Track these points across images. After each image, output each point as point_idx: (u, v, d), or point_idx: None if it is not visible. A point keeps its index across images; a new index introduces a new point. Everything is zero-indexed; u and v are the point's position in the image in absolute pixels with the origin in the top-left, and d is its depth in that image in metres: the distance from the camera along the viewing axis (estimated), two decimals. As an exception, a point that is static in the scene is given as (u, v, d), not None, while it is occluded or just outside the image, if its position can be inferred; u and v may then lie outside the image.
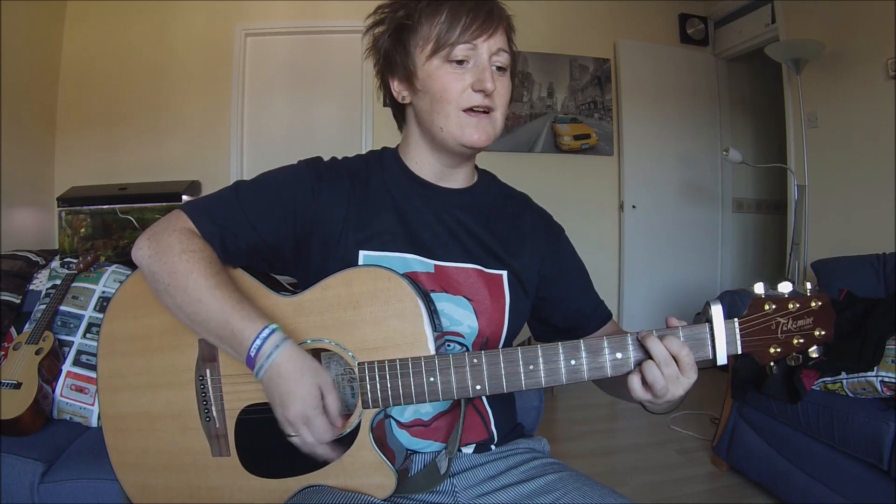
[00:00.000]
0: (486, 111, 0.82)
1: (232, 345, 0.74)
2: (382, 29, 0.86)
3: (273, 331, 0.72)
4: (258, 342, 0.71)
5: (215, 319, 0.73)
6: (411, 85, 0.85)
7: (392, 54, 0.85)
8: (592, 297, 0.99)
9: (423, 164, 0.90)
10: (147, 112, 3.42)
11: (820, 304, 0.70)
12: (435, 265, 0.85)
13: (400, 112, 0.93)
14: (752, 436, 2.06)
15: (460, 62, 0.81)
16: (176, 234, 0.78)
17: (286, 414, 0.72)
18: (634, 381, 0.71)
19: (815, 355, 0.70)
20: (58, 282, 1.68)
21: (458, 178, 0.92)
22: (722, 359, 0.70)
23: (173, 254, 0.76)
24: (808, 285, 0.71)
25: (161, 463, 0.84)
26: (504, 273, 0.89)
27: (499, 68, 0.84)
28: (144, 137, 3.41)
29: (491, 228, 0.91)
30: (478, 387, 0.73)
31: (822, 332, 0.70)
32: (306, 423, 0.72)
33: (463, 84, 0.81)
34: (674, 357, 0.70)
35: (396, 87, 0.87)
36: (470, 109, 0.82)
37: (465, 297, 0.85)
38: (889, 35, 2.63)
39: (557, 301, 0.95)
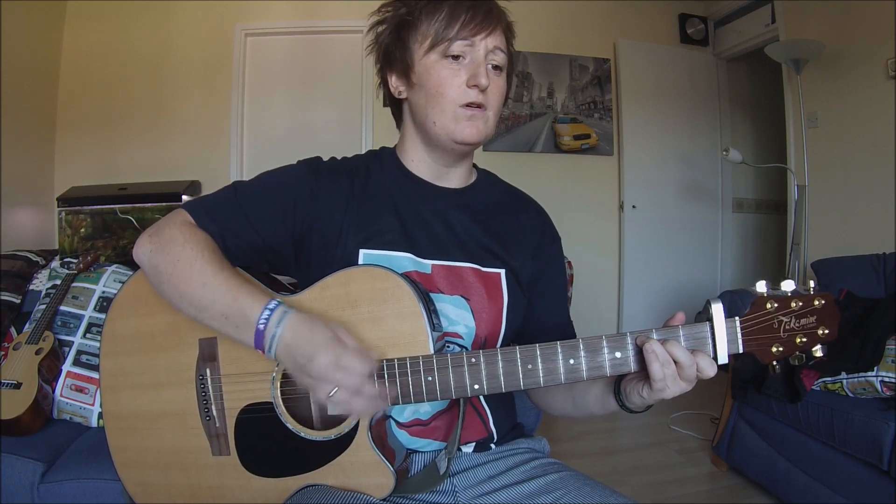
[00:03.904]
0: (480, 107, 0.83)
1: (239, 323, 0.72)
2: (384, 27, 0.87)
3: (279, 303, 0.72)
4: (266, 313, 0.71)
5: (222, 300, 0.73)
6: (408, 79, 0.85)
7: (391, 50, 0.86)
8: (563, 312, 0.97)
9: (420, 163, 0.91)
10: (147, 112, 3.42)
11: (823, 302, 0.68)
12: (432, 265, 0.86)
13: (397, 108, 0.93)
14: (752, 436, 2.06)
15: (456, 58, 0.81)
16: (178, 227, 0.78)
17: (314, 370, 0.68)
18: (655, 366, 0.69)
19: (818, 354, 0.69)
20: (58, 282, 1.68)
21: (455, 178, 0.92)
22: (723, 358, 0.69)
23: (176, 244, 0.76)
24: (812, 283, 0.70)
25: (162, 461, 0.84)
26: (502, 272, 0.89)
27: (495, 67, 0.84)
28: (144, 137, 3.41)
29: (489, 227, 0.91)
30: (476, 386, 0.73)
31: (826, 331, 0.68)
32: (338, 367, 0.67)
33: (458, 80, 0.81)
34: (675, 361, 0.69)
35: (394, 83, 0.88)
36: (464, 105, 0.82)
37: (461, 296, 0.85)
38: (889, 35, 2.63)
39: (528, 302, 0.94)
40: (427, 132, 0.86)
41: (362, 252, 0.84)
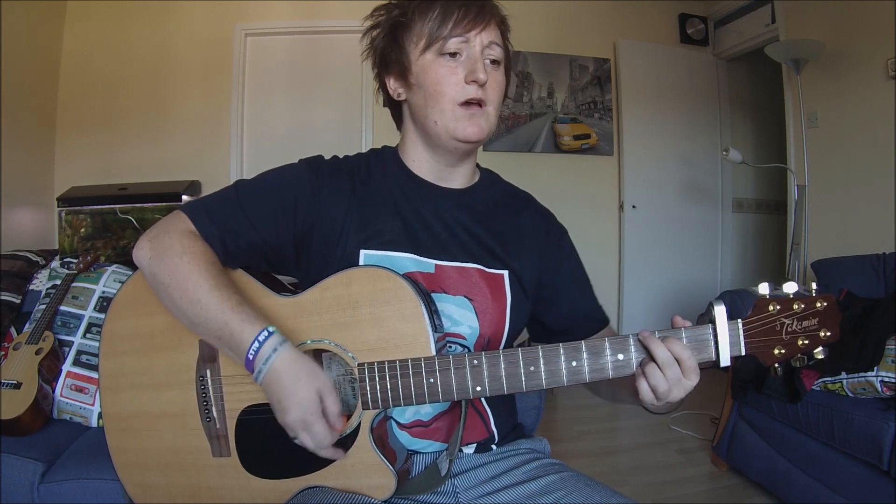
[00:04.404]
0: (480, 104, 0.82)
1: (231, 347, 0.74)
2: (378, 30, 0.87)
3: (271, 334, 0.72)
4: (256, 345, 0.71)
5: (214, 321, 0.73)
6: (406, 81, 0.85)
7: (387, 52, 0.86)
8: (589, 301, 0.98)
9: (422, 163, 0.90)
10: (147, 112, 3.42)
11: (825, 304, 0.68)
12: (435, 265, 0.85)
13: (397, 110, 0.93)
14: (752, 436, 2.06)
15: (453, 55, 0.81)
16: (177, 236, 0.78)
17: (285, 419, 0.72)
18: (643, 385, 0.71)
19: (820, 357, 0.69)
20: (58, 282, 1.68)
21: (457, 178, 0.92)
22: (725, 360, 0.69)
23: (174, 255, 0.76)
24: (814, 285, 0.70)
25: (162, 462, 0.84)
26: (505, 273, 0.89)
27: (492, 61, 0.84)
28: (144, 137, 3.41)
29: (491, 228, 0.91)
30: (478, 388, 0.73)
31: (828, 333, 0.68)
32: (305, 429, 0.71)
33: (456, 77, 0.81)
34: (676, 359, 0.69)
35: (392, 85, 0.88)
36: (465, 103, 0.82)
37: (465, 297, 0.85)
38: (889, 35, 2.63)
39: (551, 302, 0.95)
40: (428, 132, 0.85)
41: (363, 252, 0.83)
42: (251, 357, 0.71)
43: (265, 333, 0.72)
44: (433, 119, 0.83)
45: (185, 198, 2.96)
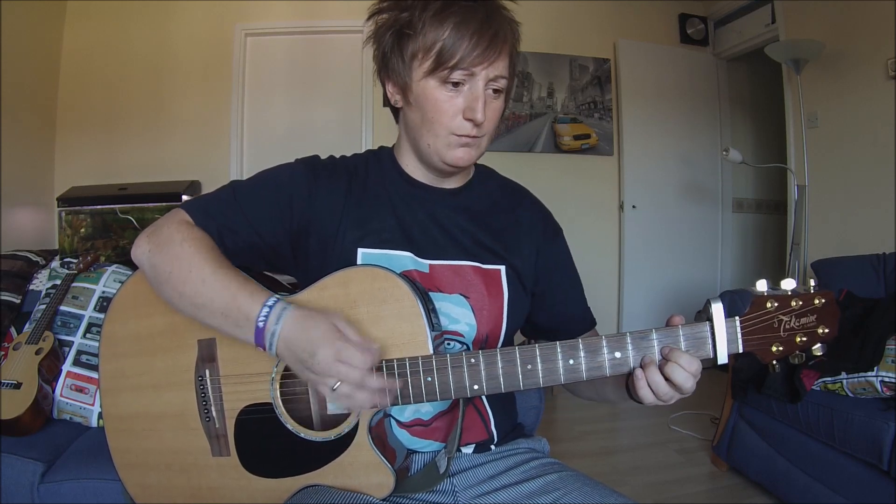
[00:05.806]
0: (474, 136, 0.82)
1: (238, 320, 0.72)
2: (385, 20, 0.83)
3: (278, 300, 0.72)
4: (265, 310, 0.70)
5: (220, 298, 0.73)
6: (405, 95, 0.84)
7: (390, 57, 0.83)
8: (580, 302, 0.98)
9: (416, 169, 0.91)
10: (147, 112, 3.42)
11: (823, 301, 0.68)
12: (430, 265, 0.86)
13: (395, 111, 0.93)
14: (752, 436, 2.06)
15: (456, 84, 0.79)
16: (175, 226, 0.79)
17: (316, 364, 0.67)
18: (646, 393, 0.71)
19: (818, 353, 0.69)
20: (58, 282, 1.68)
21: (451, 181, 0.92)
22: (723, 358, 0.69)
23: (174, 243, 0.76)
24: (812, 282, 0.70)
25: (162, 463, 0.84)
26: (502, 268, 0.89)
27: (494, 90, 0.82)
28: (144, 137, 3.41)
29: (487, 225, 0.91)
30: (475, 386, 0.73)
31: (826, 330, 0.68)
32: (340, 360, 0.66)
33: (455, 108, 0.80)
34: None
35: (391, 90, 0.87)
36: (458, 134, 0.81)
37: (461, 294, 0.85)
38: (889, 35, 2.63)
39: (544, 300, 0.95)
40: (420, 149, 0.86)
41: (361, 251, 0.84)
42: (261, 324, 0.70)
43: (273, 299, 0.72)
44: (427, 141, 0.83)
45: (184, 198, 2.96)
